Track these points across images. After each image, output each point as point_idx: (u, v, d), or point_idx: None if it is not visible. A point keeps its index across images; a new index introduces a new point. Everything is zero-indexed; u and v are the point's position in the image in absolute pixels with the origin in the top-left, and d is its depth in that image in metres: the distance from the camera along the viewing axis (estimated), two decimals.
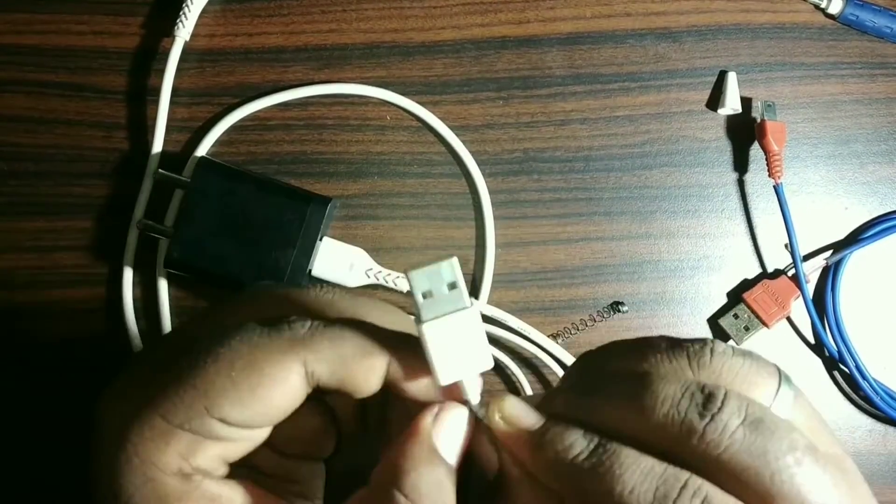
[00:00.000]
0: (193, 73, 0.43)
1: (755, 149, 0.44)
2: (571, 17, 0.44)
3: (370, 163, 0.43)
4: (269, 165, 0.43)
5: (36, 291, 0.42)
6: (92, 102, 0.42)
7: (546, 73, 0.43)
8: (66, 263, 0.42)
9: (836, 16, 0.44)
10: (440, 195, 0.43)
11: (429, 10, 0.43)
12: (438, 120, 0.43)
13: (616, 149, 0.43)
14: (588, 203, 0.43)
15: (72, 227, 0.42)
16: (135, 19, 0.43)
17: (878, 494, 0.45)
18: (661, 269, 0.43)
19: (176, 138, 0.42)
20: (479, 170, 0.43)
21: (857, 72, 0.44)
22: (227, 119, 0.42)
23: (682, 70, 0.44)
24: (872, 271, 0.44)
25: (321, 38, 0.43)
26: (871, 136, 0.44)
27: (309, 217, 0.39)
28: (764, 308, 0.42)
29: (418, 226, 0.43)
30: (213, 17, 0.43)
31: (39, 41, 0.42)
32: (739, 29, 0.44)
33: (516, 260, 0.43)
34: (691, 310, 0.44)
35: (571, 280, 0.43)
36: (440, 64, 0.43)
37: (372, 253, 0.42)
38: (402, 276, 0.41)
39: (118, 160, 0.42)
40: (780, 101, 0.44)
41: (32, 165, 0.42)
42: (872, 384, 0.43)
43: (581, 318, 0.43)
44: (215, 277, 0.40)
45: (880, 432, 0.44)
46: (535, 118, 0.43)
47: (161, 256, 0.41)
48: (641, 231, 0.43)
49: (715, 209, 0.44)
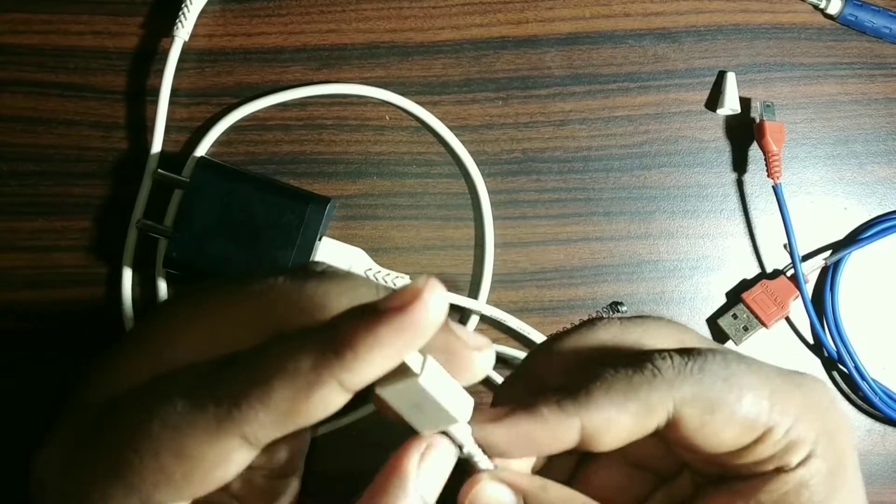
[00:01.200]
0: (192, 74, 0.43)
1: (754, 149, 0.44)
2: (570, 18, 0.44)
3: (369, 163, 0.43)
4: (268, 165, 0.43)
5: (35, 291, 0.42)
6: (91, 102, 0.42)
7: (545, 74, 0.43)
8: (65, 263, 0.42)
9: (835, 16, 0.44)
10: (439, 195, 0.43)
11: (428, 11, 0.43)
12: (437, 120, 0.43)
13: (615, 149, 0.44)
14: (587, 203, 0.43)
15: (71, 227, 0.42)
16: (134, 19, 0.43)
17: (877, 494, 0.45)
18: (660, 270, 0.44)
19: (175, 138, 0.42)
20: (479, 170, 0.43)
21: (856, 72, 0.44)
22: (227, 119, 0.42)
23: (680, 70, 0.44)
24: (871, 272, 0.44)
25: (320, 39, 0.43)
26: (870, 137, 0.44)
27: (308, 217, 0.39)
28: (763, 308, 0.42)
29: (417, 226, 0.43)
30: (212, 17, 0.43)
31: (39, 41, 0.42)
32: (738, 29, 0.44)
33: (515, 260, 0.43)
34: (690, 310, 0.44)
35: (570, 280, 0.43)
36: (439, 64, 0.43)
37: (371, 253, 0.42)
38: (401, 276, 0.41)
39: (117, 160, 0.42)
40: (779, 101, 0.44)
41: (32, 165, 0.42)
42: (871, 384, 0.43)
43: (580, 319, 0.43)
44: (214, 277, 0.40)
45: (879, 432, 0.44)
46: (534, 118, 0.43)
47: (160, 256, 0.41)
48: (640, 231, 0.43)
49: (714, 209, 0.44)
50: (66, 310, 0.42)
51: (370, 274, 0.41)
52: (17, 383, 0.41)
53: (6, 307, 0.42)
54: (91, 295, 0.42)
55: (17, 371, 0.42)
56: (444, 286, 0.20)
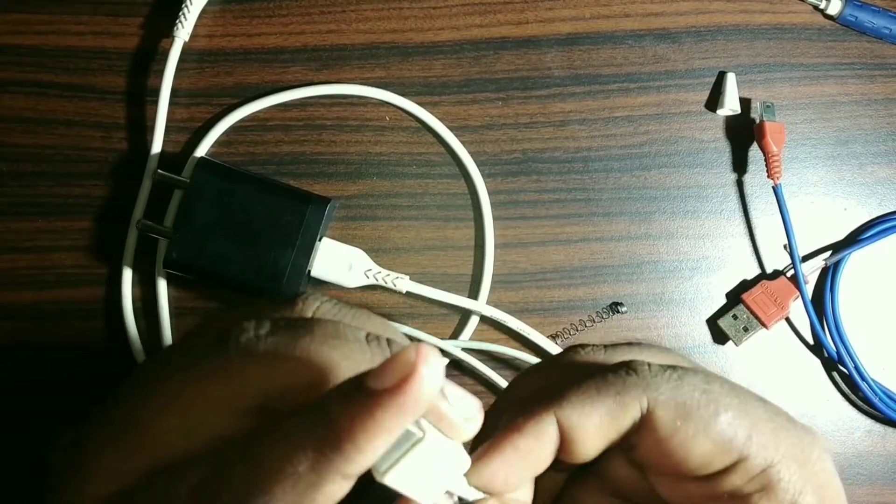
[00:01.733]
0: (192, 74, 0.43)
1: (754, 149, 0.44)
2: (570, 18, 0.44)
3: (369, 163, 0.43)
4: (268, 166, 0.43)
5: (35, 292, 0.42)
6: (91, 103, 0.42)
7: (545, 74, 0.43)
8: (65, 264, 0.42)
9: (835, 17, 0.44)
10: (439, 196, 0.43)
11: (428, 11, 0.43)
12: (437, 120, 0.43)
13: (615, 149, 0.44)
14: (587, 204, 0.43)
15: (71, 227, 0.42)
16: (134, 20, 0.43)
17: (877, 495, 0.45)
18: (660, 270, 0.44)
19: (175, 139, 0.42)
20: (479, 170, 0.43)
21: (856, 73, 0.44)
22: (227, 120, 0.42)
23: (680, 71, 0.44)
24: (871, 272, 0.44)
25: (320, 39, 0.43)
26: (870, 137, 0.44)
27: (308, 217, 0.39)
28: (763, 309, 0.42)
29: (417, 226, 0.43)
30: (212, 17, 0.43)
31: (39, 42, 0.42)
32: (738, 30, 0.44)
33: (515, 261, 0.43)
34: (690, 310, 0.44)
35: (570, 281, 0.43)
36: (439, 65, 0.43)
37: (371, 253, 0.42)
38: (401, 276, 0.41)
39: (117, 161, 0.42)
40: (779, 101, 0.44)
41: (32, 166, 0.42)
42: (871, 385, 0.43)
43: (580, 319, 0.43)
44: (214, 278, 0.40)
45: (879, 433, 0.44)
46: (534, 119, 0.43)
47: (160, 257, 0.41)
48: (640, 232, 0.43)
49: (714, 210, 0.44)
50: (66, 310, 0.42)
51: (370, 274, 0.41)
52: (18, 384, 0.41)
53: (6, 307, 0.42)
54: (91, 295, 0.42)
55: (17, 371, 0.42)
56: (436, 351, 0.18)
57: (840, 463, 0.44)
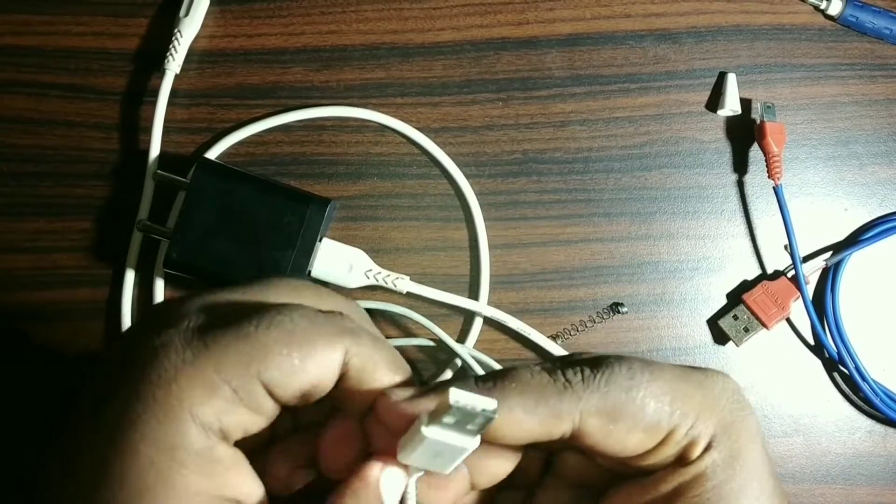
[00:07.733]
0: (193, 75, 0.43)
1: (755, 150, 0.44)
2: (571, 19, 0.44)
3: (369, 164, 0.43)
4: (269, 166, 0.43)
5: (35, 292, 0.42)
6: (92, 104, 0.42)
7: (545, 75, 0.43)
8: (65, 264, 0.42)
9: (836, 17, 0.44)
10: (440, 196, 0.43)
11: (428, 12, 0.43)
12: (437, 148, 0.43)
13: (615, 150, 0.44)
14: (587, 204, 0.43)
15: (71, 228, 0.42)
16: (135, 20, 0.43)
17: (877, 496, 0.45)
18: (660, 271, 0.43)
19: (176, 139, 0.43)
20: (461, 171, 0.43)
21: (857, 73, 0.44)
22: (227, 139, 0.42)
23: (681, 71, 0.44)
24: (872, 273, 0.44)
25: (321, 40, 0.43)
26: (871, 138, 0.44)
27: (308, 218, 0.39)
28: (763, 309, 0.42)
29: (418, 227, 0.43)
30: (212, 18, 0.43)
31: (39, 42, 0.42)
32: (739, 30, 0.44)
33: (516, 261, 0.43)
34: (691, 311, 0.44)
35: (571, 281, 0.43)
36: (439, 65, 0.43)
37: (371, 254, 0.42)
38: (402, 277, 0.41)
39: (118, 161, 0.42)
40: (780, 102, 0.44)
41: (33, 166, 0.42)
42: (872, 385, 0.43)
43: (581, 320, 0.43)
44: (214, 278, 0.40)
45: (880, 433, 0.44)
46: (535, 119, 0.43)
47: (161, 258, 0.41)
48: (641, 232, 0.43)
49: (714, 210, 0.44)
50: (66, 310, 0.42)
51: (370, 275, 0.41)
52: (18, 384, 0.41)
53: (7, 308, 0.42)
54: (91, 296, 0.42)
55: (17, 372, 0.42)
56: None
57: (841, 463, 0.44)
